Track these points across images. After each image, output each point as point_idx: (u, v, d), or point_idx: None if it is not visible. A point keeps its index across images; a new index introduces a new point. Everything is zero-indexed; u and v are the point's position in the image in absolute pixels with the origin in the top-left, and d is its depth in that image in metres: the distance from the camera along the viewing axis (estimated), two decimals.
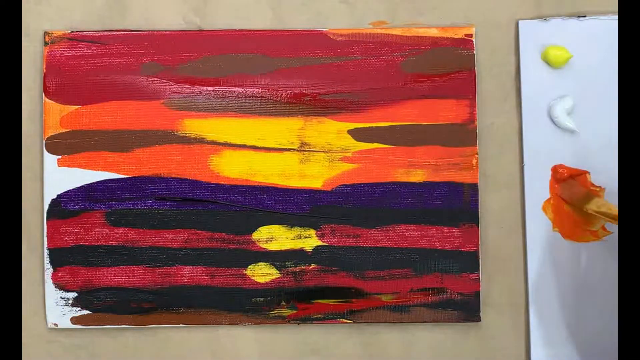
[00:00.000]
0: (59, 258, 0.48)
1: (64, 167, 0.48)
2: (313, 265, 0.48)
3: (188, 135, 0.48)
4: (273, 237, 0.48)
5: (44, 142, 0.48)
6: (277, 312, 0.48)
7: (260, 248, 0.48)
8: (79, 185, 0.48)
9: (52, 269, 0.48)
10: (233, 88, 0.48)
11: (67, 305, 0.48)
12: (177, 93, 0.48)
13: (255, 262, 0.48)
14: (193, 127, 0.48)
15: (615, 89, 0.47)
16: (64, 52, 0.48)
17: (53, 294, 0.48)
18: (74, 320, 0.48)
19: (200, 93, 0.48)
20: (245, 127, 0.48)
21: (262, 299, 0.48)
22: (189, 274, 0.48)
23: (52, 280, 0.48)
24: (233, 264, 0.48)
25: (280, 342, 0.48)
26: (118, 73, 0.48)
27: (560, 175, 0.47)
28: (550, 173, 0.48)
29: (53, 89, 0.48)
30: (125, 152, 0.48)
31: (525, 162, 0.48)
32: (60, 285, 0.48)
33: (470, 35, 0.48)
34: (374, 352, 0.48)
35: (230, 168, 0.48)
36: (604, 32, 0.48)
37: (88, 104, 0.48)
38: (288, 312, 0.48)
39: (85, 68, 0.48)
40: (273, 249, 0.48)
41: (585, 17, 0.48)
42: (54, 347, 0.48)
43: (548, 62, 0.48)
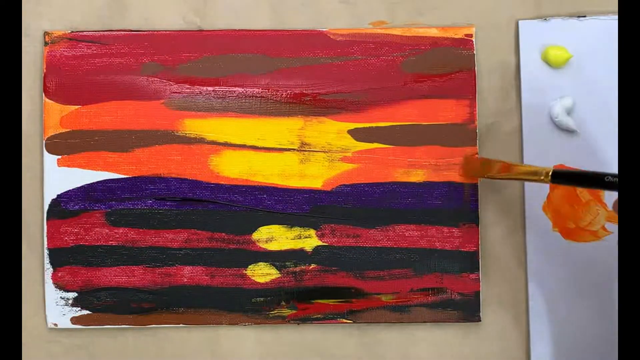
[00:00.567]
0: (59, 258, 0.48)
1: (64, 167, 0.48)
2: (313, 265, 0.48)
3: (188, 135, 0.48)
4: (273, 237, 0.48)
5: (44, 142, 0.48)
6: (277, 312, 0.48)
7: (260, 248, 0.48)
8: (79, 185, 0.48)
9: (52, 269, 0.48)
10: (233, 88, 0.48)
11: (67, 305, 0.48)
12: (177, 93, 0.48)
13: (255, 262, 0.48)
14: (193, 127, 0.48)
15: (615, 89, 0.47)
16: (64, 52, 0.48)
17: (53, 294, 0.48)
18: (74, 320, 0.48)
19: (200, 93, 0.48)
20: (245, 127, 0.48)
21: (262, 299, 0.48)
22: (189, 274, 0.48)
23: (52, 280, 0.48)
24: (233, 264, 0.48)
25: (280, 342, 0.48)
26: (118, 73, 0.48)
27: None
28: None
29: (53, 89, 0.48)
30: (125, 152, 0.48)
31: (525, 162, 0.48)
32: (60, 285, 0.48)
33: (470, 35, 0.48)
34: (374, 352, 0.48)
35: (230, 168, 0.48)
36: (604, 32, 0.48)
37: (88, 104, 0.48)
38: (288, 312, 0.48)
39: (85, 68, 0.48)
40: (273, 249, 0.48)
41: (585, 17, 0.48)
42: (54, 347, 0.48)
43: (548, 62, 0.48)
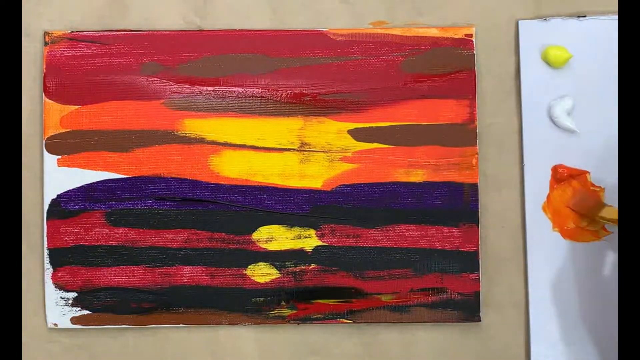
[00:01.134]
0: (59, 258, 0.48)
1: (64, 167, 0.48)
2: (313, 265, 0.48)
3: (188, 135, 0.48)
4: (273, 237, 0.48)
5: (44, 142, 0.48)
6: (277, 312, 0.48)
7: (260, 248, 0.48)
8: (79, 185, 0.48)
9: (52, 269, 0.48)
10: (233, 88, 0.48)
11: (67, 305, 0.48)
12: (177, 93, 0.48)
13: (255, 262, 0.48)
14: (193, 127, 0.48)
15: (615, 89, 0.47)
16: (64, 52, 0.48)
17: (53, 294, 0.48)
18: (74, 320, 0.48)
19: (200, 93, 0.48)
20: (245, 127, 0.48)
21: (262, 299, 0.48)
22: (189, 274, 0.48)
23: (52, 280, 0.48)
24: (233, 264, 0.48)
25: (280, 342, 0.48)
26: (118, 73, 0.48)
27: (560, 175, 0.47)
28: (550, 173, 0.48)
29: (53, 89, 0.48)
30: (125, 152, 0.48)
31: (525, 162, 0.48)
32: (60, 285, 0.48)
33: (470, 35, 0.48)
34: (374, 352, 0.48)
35: (230, 168, 0.48)
36: (604, 32, 0.48)
37: (88, 104, 0.48)
38: (288, 312, 0.48)
39: (85, 68, 0.48)
40: (273, 249, 0.48)
41: (585, 17, 0.48)
42: (54, 347, 0.48)
43: (548, 62, 0.48)
